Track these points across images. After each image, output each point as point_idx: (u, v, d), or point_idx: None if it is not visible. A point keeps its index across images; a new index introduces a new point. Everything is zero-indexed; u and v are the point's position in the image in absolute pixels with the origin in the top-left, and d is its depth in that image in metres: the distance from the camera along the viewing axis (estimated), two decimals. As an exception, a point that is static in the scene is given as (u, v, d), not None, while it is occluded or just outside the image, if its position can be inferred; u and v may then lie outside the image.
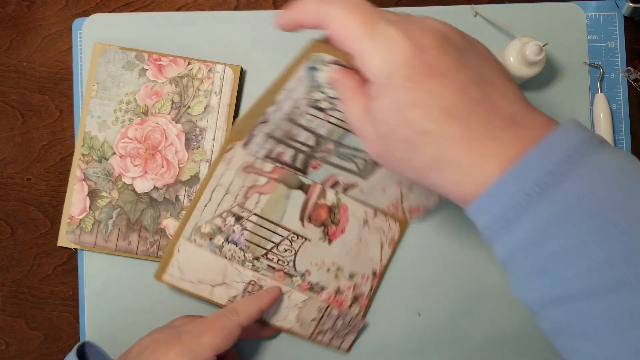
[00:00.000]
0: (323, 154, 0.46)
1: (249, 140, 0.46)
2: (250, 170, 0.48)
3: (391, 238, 0.49)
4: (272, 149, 0.46)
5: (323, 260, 0.49)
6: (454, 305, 0.50)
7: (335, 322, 0.48)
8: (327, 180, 0.48)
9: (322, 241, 0.49)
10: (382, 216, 0.49)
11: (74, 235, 0.49)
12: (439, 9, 0.51)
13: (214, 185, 0.48)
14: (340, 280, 0.49)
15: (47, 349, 0.51)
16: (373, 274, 0.49)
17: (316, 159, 0.47)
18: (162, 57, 0.49)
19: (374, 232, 0.49)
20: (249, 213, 0.48)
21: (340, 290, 0.49)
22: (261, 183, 0.48)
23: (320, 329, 0.48)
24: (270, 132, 0.45)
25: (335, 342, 0.49)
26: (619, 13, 0.50)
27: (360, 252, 0.49)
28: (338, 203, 0.49)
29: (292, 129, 0.44)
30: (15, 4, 0.51)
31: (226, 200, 0.48)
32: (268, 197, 0.48)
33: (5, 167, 0.51)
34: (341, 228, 0.49)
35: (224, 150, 0.47)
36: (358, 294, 0.49)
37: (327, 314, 0.48)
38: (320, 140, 0.46)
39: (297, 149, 0.46)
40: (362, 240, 0.49)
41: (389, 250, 0.49)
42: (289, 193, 0.48)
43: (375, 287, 0.49)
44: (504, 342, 0.50)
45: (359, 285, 0.49)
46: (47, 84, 0.51)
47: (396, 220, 0.49)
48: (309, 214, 0.48)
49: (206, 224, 0.48)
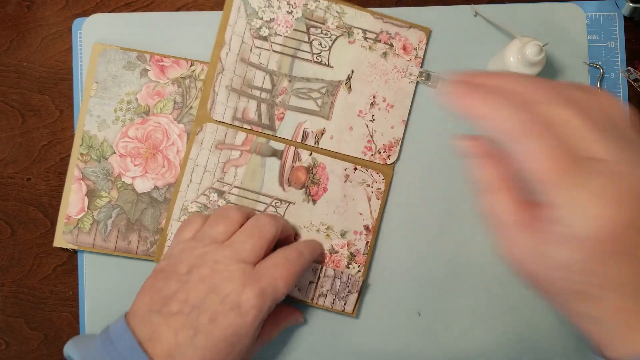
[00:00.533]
0: (282, 96, 0.48)
1: (213, 102, 0.48)
2: (222, 147, 0.49)
3: (377, 189, 0.49)
4: (236, 107, 0.48)
5: (311, 222, 0.49)
6: (454, 305, 0.50)
7: (334, 283, 0.48)
8: (296, 134, 0.49)
9: (306, 202, 0.49)
10: (362, 169, 0.49)
11: (72, 235, 0.49)
12: (439, 9, 0.51)
13: (191, 166, 0.48)
14: (332, 239, 0.49)
15: (47, 349, 0.51)
16: (366, 229, 0.49)
17: (277, 106, 0.48)
18: (165, 58, 0.49)
19: (358, 186, 0.49)
20: (230, 186, 0.49)
21: (334, 249, 0.49)
22: (235, 157, 0.49)
23: (319, 292, 0.48)
24: (229, 83, 0.47)
25: (338, 305, 0.49)
26: (619, 13, 0.51)
27: (348, 208, 0.49)
28: (315, 163, 0.49)
29: (247, 73, 0.48)
30: (15, 4, 0.51)
31: (206, 178, 0.49)
32: (244, 169, 0.49)
33: (5, 167, 0.51)
34: (323, 187, 0.49)
35: (194, 133, 0.49)
36: (354, 252, 0.49)
37: (323, 274, 0.48)
38: (274, 78, 0.48)
39: (258, 99, 0.48)
40: (347, 195, 0.49)
41: (377, 202, 0.49)
42: (264, 161, 0.49)
43: (371, 242, 0.49)
44: (504, 343, 0.50)
45: (353, 242, 0.49)
46: (47, 84, 0.51)
47: (378, 171, 0.49)
48: (288, 178, 0.49)
49: (192, 203, 0.48)
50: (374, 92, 0.49)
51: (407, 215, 0.50)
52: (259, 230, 0.43)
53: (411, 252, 0.50)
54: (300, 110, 0.49)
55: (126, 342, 0.38)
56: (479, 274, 0.50)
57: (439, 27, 0.50)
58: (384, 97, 0.49)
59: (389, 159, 0.49)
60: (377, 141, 0.49)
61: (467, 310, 0.50)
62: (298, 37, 0.49)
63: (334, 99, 0.49)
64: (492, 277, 0.50)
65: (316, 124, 0.49)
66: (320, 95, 0.49)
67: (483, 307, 0.50)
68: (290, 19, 0.49)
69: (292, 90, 0.49)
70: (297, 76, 0.49)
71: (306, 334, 0.50)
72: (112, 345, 0.38)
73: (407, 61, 0.49)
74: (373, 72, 0.49)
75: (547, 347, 0.50)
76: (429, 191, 0.50)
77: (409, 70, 0.49)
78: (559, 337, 0.50)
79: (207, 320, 0.38)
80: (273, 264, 0.41)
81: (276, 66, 0.49)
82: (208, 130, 0.49)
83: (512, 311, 0.50)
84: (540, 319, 0.50)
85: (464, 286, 0.50)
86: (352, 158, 0.49)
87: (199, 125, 0.49)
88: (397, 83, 0.49)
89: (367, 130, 0.49)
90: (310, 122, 0.49)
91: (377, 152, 0.49)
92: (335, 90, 0.49)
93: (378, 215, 0.49)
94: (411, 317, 0.50)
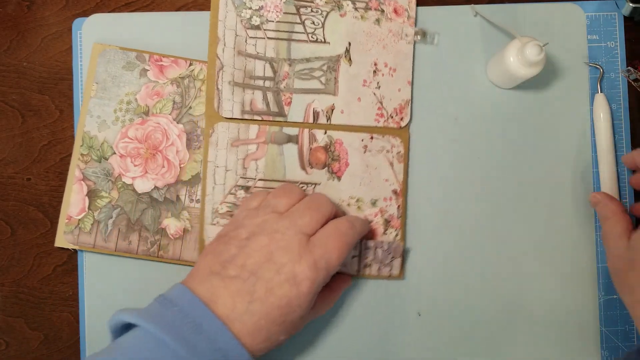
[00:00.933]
0: (285, 81, 0.48)
1: (219, 100, 0.48)
2: (238, 143, 0.49)
3: (397, 153, 0.49)
4: (243, 100, 0.48)
5: (340, 198, 0.49)
6: (454, 305, 0.50)
7: (376, 252, 0.48)
8: (307, 115, 0.49)
9: (331, 180, 0.49)
10: (379, 137, 0.49)
11: (73, 235, 0.49)
12: (439, 9, 0.51)
13: (212, 169, 0.49)
14: (364, 210, 0.49)
15: (47, 349, 0.51)
16: (394, 193, 0.49)
17: (283, 91, 0.49)
18: (164, 58, 0.49)
19: (378, 154, 0.49)
20: (254, 180, 0.49)
21: (368, 220, 0.49)
22: (253, 150, 0.49)
23: (364, 263, 0.48)
24: (231, 78, 0.48)
25: (384, 271, 0.49)
26: (619, 13, 0.51)
27: (372, 178, 0.49)
28: (331, 140, 0.49)
29: (246, 64, 0.48)
30: (15, 4, 0.51)
31: (229, 177, 0.49)
32: (264, 160, 0.49)
33: (5, 167, 0.51)
34: (344, 162, 0.49)
35: (207, 135, 0.49)
36: (388, 218, 0.49)
37: (364, 247, 0.48)
38: (274, 65, 0.48)
39: (263, 88, 0.48)
40: (369, 165, 0.49)
41: (400, 165, 0.49)
42: (282, 149, 0.49)
43: (402, 205, 0.49)
44: (504, 343, 0.50)
45: (385, 209, 0.49)
46: (47, 84, 0.51)
47: (394, 136, 0.49)
48: (308, 160, 0.49)
49: (221, 205, 0.49)
50: (374, 60, 0.49)
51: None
52: (317, 204, 0.44)
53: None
54: (306, 91, 0.49)
55: (186, 299, 0.39)
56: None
57: (439, 27, 0.50)
58: (385, 62, 0.49)
59: (402, 121, 0.50)
60: (387, 106, 0.49)
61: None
62: (290, 20, 0.49)
63: (337, 74, 0.49)
64: (494, 284, 0.50)
65: (324, 102, 0.49)
66: (322, 73, 0.49)
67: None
68: (279, 3, 0.49)
69: (294, 73, 0.49)
70: (296, 58, 0.49)
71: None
72: (171, 304, 0.39)
73: (401, 23, 0.49)
74: (369, 40, 0.49)
75: (547, 348, 0.50)
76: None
77: (404, 31, 0.49)
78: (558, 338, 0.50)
79: (263, 289, 0.39)
80: (326, 235, 0.42)
81: (274, 52, 0.49)
82: (220, 130, 0.49)
83: (513, 311, 0.50)
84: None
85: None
86: (366, 128, 0.49)
87: (210, 127, 0.49)
88: (395, 46, 0.50)
89: (375, 98, 0.49)
90: (318, 101, 0.49)
91: (390, 117, 0.49)
92: (336, 65, 0.49)
93: (403, 177, 0.50)
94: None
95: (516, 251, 0.50)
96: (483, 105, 0.50)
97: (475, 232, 0.50)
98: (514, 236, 0.50)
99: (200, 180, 0.49)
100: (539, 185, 0.50)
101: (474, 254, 0.50)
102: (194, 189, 0.49)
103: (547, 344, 0.50)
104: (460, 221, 0.50)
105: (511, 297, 0.50)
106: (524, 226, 0.50)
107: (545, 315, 0.50)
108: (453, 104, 0.50)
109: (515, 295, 0.50)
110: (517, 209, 0.50)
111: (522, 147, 0.50)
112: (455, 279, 0.50)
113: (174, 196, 0.49)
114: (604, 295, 0.50)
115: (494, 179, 0.50)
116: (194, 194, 0.49)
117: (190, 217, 0.49)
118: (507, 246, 0.50)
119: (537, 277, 0.50)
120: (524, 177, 0.50)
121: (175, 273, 0.50)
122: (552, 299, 0.50)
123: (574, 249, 0.50)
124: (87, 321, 0.50)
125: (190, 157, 0.49)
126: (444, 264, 0.50)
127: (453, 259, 0.50)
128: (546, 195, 0.50)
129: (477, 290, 0.50)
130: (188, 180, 0.49)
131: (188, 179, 0.49)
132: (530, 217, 0.50)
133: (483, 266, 0.50)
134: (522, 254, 0.50)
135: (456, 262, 0.50)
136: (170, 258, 0.49)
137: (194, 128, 0.49)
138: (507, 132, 0.50)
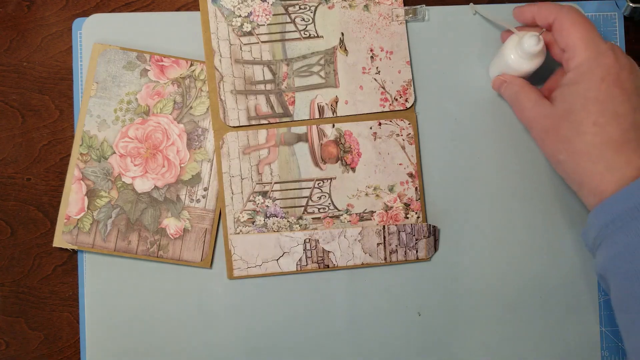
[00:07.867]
0: (286, 82, 0.49)
1: (224, 110, 0.48)
2: (249, 150, 0.49)
3: (407, 135, 0.50)
4: (247, 107, 0.49)
5: (357, 189, 0.49)
6: (454, 305, 0.50)
7: (400, 237, 0.49)
8: (312, 111, 0.49)
9: (346, 172, 0.49)
10: (386, 122, 0.50)
11: (71, 235, 0.49)
12: (439, 9, 0.51)
13: (227, 179, 0.49)
14: (383, 198, 0.49)
15: (47, 349, 0.51)
16: (410, 176, 0.50)
17: (285, 92, 0.49)
18: (165, 58, 0.49)
19: (388, 139, 0.50)
20: (270, 185, 0.49)
21: (389, 206, 0.49)
22: (265, 155, 0.49)
23: (390, 250, 0.49)
24: (233, 87, 0.48)
25: (410, 255, 0.49)
26: (619, 13, 0.51)
27: (387, 164, 0.50)
28: (340, 133, 0.50)
29: (245, 71, 0.49)
30: (15, 4, 0.51)
31: (246, 185, 0.49)
32: (277, 163, 0.49)
33: (5, 167, 0.51)
34: (356, 152, 0.49)
35: (218, 147, 0.49)
36: (407, 201, 0.49)
37: (387, 233, 0.49)
38: (272, 67, 0.49)
39: (265, 91, 0.49)
40: (381, 152, 0.50)
41: (411, 147, 0.50)
42: (293, 149, 0.49)
43: (420, 187, 0.50)
44: (504, 343, 0.50)
45: (404, 193, 0.49)
46: (47, 84, 0.51)
47: (402, 118, 0.50)
48: (320, 156, 0.49)
49: (242, 213, 0.49)
50: (369, 46, 0.50)
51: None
52: None
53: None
54: (308, 88, 0.49)
55: None
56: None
57: (439, 27, 0.50)
58: (381, 46, 0.50)
59: (407, 102, 0.50)
60: (389, 90, 0.50)
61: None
62: (280, 21, 0.50)
63: (335, 66, 0.50)
64: (495, 284, 0.50)
65: (327, 95, 0.50)
66: (321, 67, 0.49)
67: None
68: (267, 6, 0.49)
69: (293, 72, 0.49)
70: (293, 57, 0.50)
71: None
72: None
73: (389, 5, 0.50)
74: (362, 28, 0.50)
75: (548, 348, 0.50)
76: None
77: (394, 13, 0.50)
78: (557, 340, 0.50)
79: None
80: None
81: (270, 55, 0.49)
82: (230, 140, 0.49)
83: (513, 311, 0.50)
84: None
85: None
86: (373, 115, 0.50)
87: (219, 139, 0.49)
88: (388, 29, 0.50)
89: (376, 83, 0.50)
90: (321, 95, 0.50)
91: (394, 100, 0.50)
92: (333, 57, 0.50)
93: (417, 159, 0.50)
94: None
95: (516, 250, 0.50)
96: (483, 102, 0.51)
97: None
98: (513, 234, 0.50)
99: (200, 180, 0.49)
100: (539, 183, 0.50)
101: (473, 253, 0.50)
102: (194, 188, 0.49)
103: (547, 344, 0.50)
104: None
105: (511, 296, 0.50)
106: (524, 224, 0.50)
107: (545, 315, 0.50)
108: (453, 98, 0.51)
109: (515, 295, 0.50)
110: (517, 197, 0.50)
111: (525, 133, 0.50)
112: (455, 279, 0.50)
113: (174, 196, 0.49)
114: (604, 295, 0.50)
115: (499, 167, 0.50)
116: (194, 194, 0.49)
117: (190, 217, 0.49)
118: (507, 245, 0.50)
119: (536, 276, 0.50)
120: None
121: (175, 273, 0.50)
122: (551, 298, 0.50)
123: (573, 249, 0.50)
124: (87, 321, 0.50)
125: (190, 157, 0.49)
126: (467, 238, 0.51)
127: (453, 258, 0.50)
128: (546, 192, 0.50)
129: (477, 290, 0.50)
130: (188, 180, 0.49)
131: (188, 178, 0.49)
132: (530, 215, 0.50)
133: (483, 266, 0.50)
134: (522, 254, 0.50)
135: (456, 261, 0.50)
136: (170, 258, 0.49)
137: (195, 128, 0.49)
138: (512, 123, 0.50)
